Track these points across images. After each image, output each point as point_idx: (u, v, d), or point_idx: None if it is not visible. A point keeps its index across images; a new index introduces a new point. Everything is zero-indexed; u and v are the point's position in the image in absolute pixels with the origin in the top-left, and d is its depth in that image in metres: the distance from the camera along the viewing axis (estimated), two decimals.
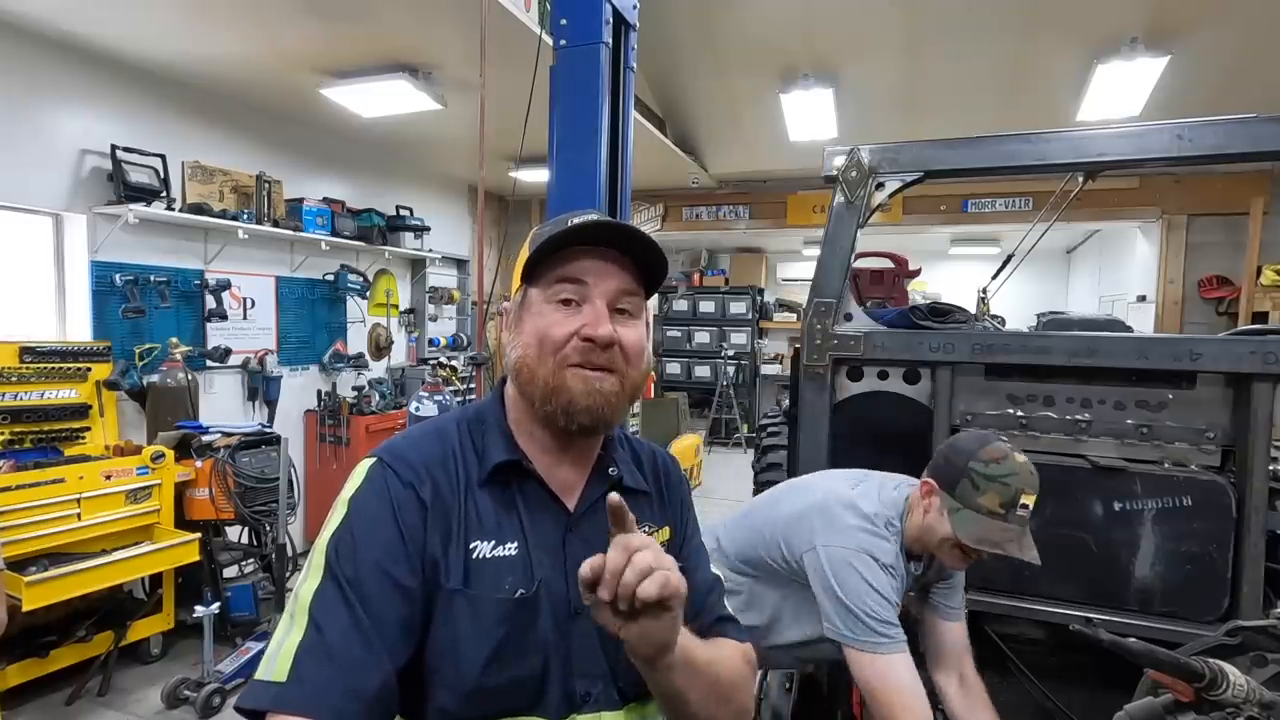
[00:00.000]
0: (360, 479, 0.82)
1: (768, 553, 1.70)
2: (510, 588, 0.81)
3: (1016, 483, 1.44)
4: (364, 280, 5.58)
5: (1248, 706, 1.09)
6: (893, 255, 4.52)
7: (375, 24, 3.44)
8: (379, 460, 0.83)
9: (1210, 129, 2.02)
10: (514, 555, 0.82)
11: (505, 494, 0.85)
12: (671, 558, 0.69)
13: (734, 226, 7.43)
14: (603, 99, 2.02)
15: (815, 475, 1.91)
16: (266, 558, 3.85)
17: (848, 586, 1.50)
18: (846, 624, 1.49)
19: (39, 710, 3.07)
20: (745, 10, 4.81)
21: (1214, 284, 5.99)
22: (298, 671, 0.70)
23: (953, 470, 1.51)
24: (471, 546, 0.81)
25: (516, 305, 0.89)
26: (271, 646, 0.73)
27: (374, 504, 0.80)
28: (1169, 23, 4.30)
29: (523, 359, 0.85)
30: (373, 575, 0.75)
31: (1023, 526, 1.45)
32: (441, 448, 0.86)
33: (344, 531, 0.78)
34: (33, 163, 3.57)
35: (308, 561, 0.79)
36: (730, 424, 9.53)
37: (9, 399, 3.32)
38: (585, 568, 0.66)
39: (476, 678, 0.77)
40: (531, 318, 0.85)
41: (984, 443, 1.52)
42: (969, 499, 1.47)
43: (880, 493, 1.64)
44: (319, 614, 0.73)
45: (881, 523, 1.57)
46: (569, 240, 0.84)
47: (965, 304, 2.79)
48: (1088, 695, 1.92)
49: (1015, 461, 1.47)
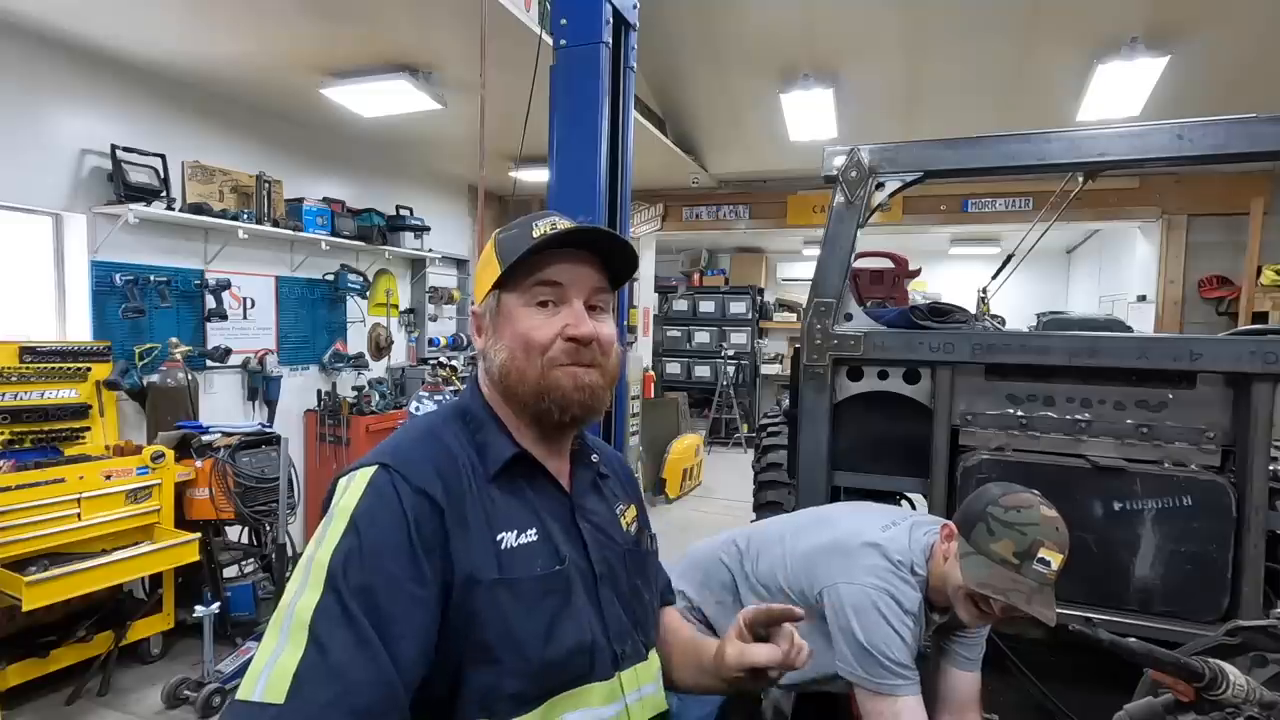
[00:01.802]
0: (362, 487, 0.79)
1: (788, 583, 1.65)
2: (543, 566, 0.85)
3: (1035, 534, 1.36)
4: (364, 280, 5.58)
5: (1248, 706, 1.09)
6: (893, 255, 4.52)
7: (375, 24, 3.44)
8: (383, 467, 0.80)
9: (1210, 129, 2.02)
10: (535, 541, 0.86)
11: (513, 485, 0.88)
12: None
13: (734, 226, 7.44)
14: (603, 99, 2.02)
15: (846, 509, 1.86)
16: (266, 558, 3.85)
17: (867, 626, 1.45)
18: (862, 664, 1.45)
19: (39, 710, 3.07)
20: (745, 10, 4.81)
21: (1214, 284, 5.99)
22: (300, 692, 0.66)
23: (972, 514, 1.46)
24: (499, 538, 0.83)
25: (491, 311, 0.92)
26: (259, 664, 0.69)
27: (382, 513, 0.77)
28: (1169, 23, 4.30)
29: (509, 362, 0.88)
30: (387, 588, 0.72)
31: (1040, 584, 1.35)
32: (442, 447, 0.86)
33: (351, 543, 0.74)
34: (33, 163, 3.57)
35: (302, 575, 0.74)
36: (730, 424, 9.53)
37: (9, 399, 3.32)
38: (775, 656, 0.86)
39: (541, 654, 0.80)
40: (511, 322, 0.89)
41: (1009, 490, 1.45)
42: (982, 544, 1.41)
43: (910, 536, 1.57)
44: (321, 631, 0.69)
45: (906, 568, 1.51)
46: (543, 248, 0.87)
47: (965, 304, 2.80)
48: (1088, 695, 1.91)
49: (1039, 513, 1.38)
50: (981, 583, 1.38)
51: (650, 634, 0.98)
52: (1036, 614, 1.34)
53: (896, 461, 2.34)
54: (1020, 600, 1.34)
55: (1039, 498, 1.43)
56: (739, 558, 1.79)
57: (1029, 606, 1.34)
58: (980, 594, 1.40)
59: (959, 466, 2.15)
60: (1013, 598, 1.35)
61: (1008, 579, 1.36)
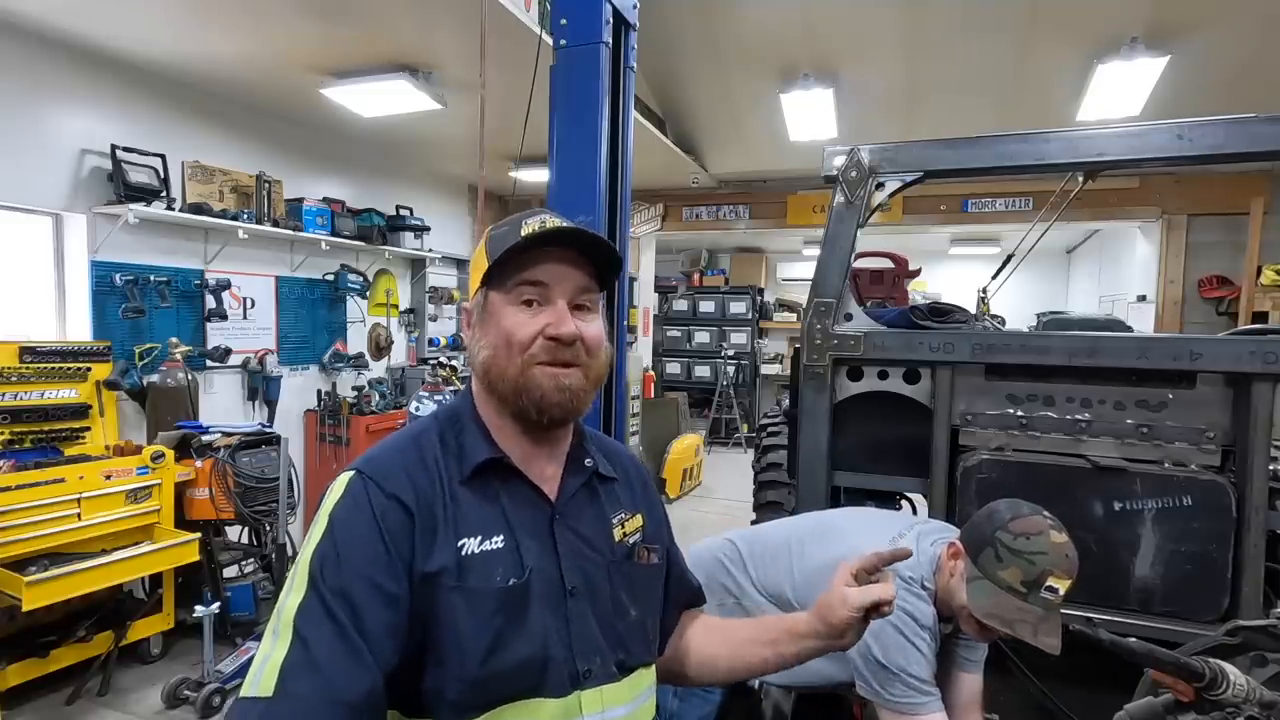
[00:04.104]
0: (339, 492, 0.83)
1: (796, 598, 1.63)
2: (502, 578, 0.84)
3: (1044, 563, 1.33)
4: (364, 280, 5.58)
5: (1248, 706, 1.09)
6: (893, 255, 4.52)
7: (375, 24, 3.44)
8: (358, 473, 0.84)
9: (1210, 129, 2.02)
10: (501, 548, 0.85)
11: (488, 490, 0.88)
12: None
13: (734, 226, 7.44)
14: (603, 99, 2.02)
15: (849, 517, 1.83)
16: (266, 558, 3.85)
17: (886, 646, 1.43)
18: (883, 684, 1.43)
19: (39, 710, 3.07)
20: (745, 10, 4.81)
21: (1214, 284, 5.99)
22: (285, 685, 0.71)
23: (980, 536, 1.42)
24: (460, 544, 0.83)
25: (479, 308, 0.92)
26: (256, 662, 0.74)
27: (356, 516, 0.81)
28: (1169, 23, 4.30)
29: (491, 359, 0.89)
30: (359, 586, 0.77)
31: (1046, 610, 1.33)
32: (419, 452, 0.88)
33: (327, 545, 0.79)
34: (33, 163, 3.57)
35: (291, 576, 0.80)
36: (730, 424, 9.53)
37: (9, 399, 3.32)
38: (890, 591, 0.92)
39: (480, 665, 0.80)
40: (495, 320, 0.90)
41: (1019, 513, 1.41)
42: (990, 569, 1.37)
43: (919, 548, 1.55)
44: (304, 628, 0.74)
45: (918, 584, 1.50)
46: (528, 246, 0.88)
47: (965, 304, 2.80)
48: (1088, 695, 1.91)
49: (1049, 540, 1.35)
50: (988, 613, 1.36)
51: (634, 652, 0.93)
52: (1041, 645, 1.32)
53: (896, 461, 2.34)
54: (1026, 632, 1.32)
55: (1049, 520, 1.39)
56: (740, 562, 1.78)
57: (1034, 639, 1.32)
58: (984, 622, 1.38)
59: (959, 466, 2.15)
60: (1019, 630, 1.33)
61: (1014, 608, 1.34)
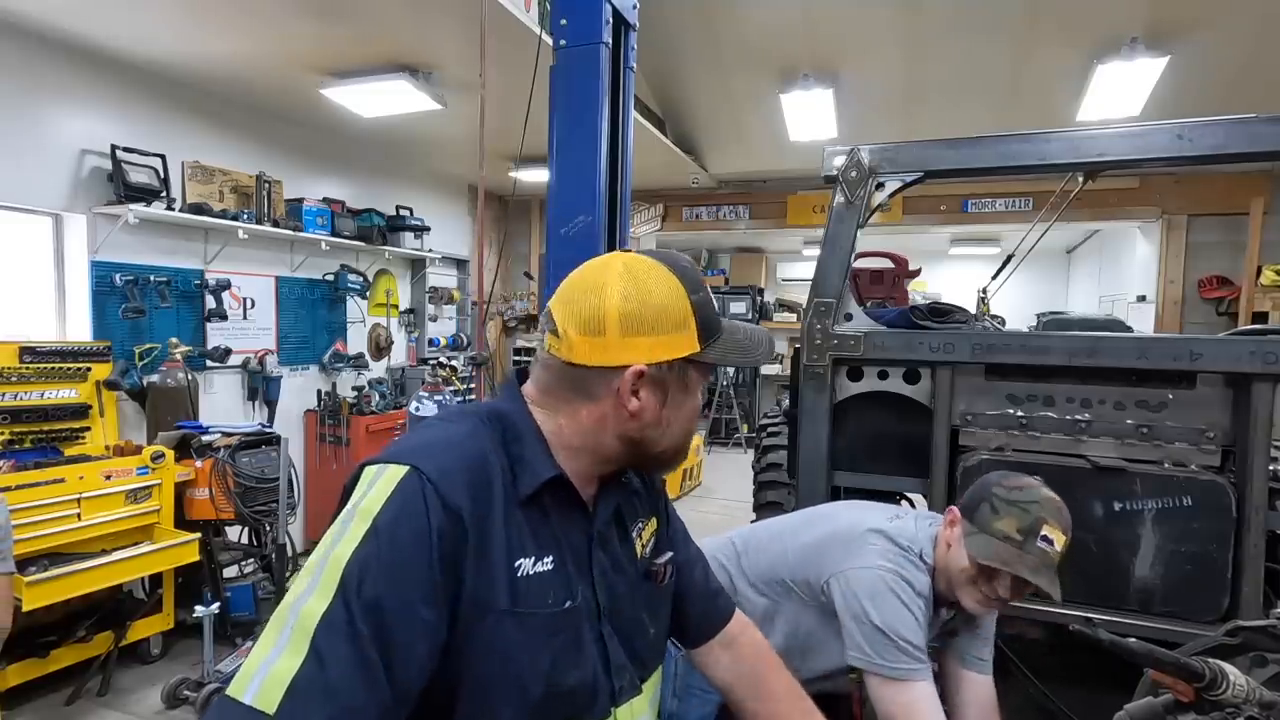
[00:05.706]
0: (388, 489, 0.74)
1: (792, 577, 1.63)
2: (555, 600, 0.82)
3: (1037, 510, 1.39)
4: (364, 280, 5.58)
5: (1248, 706, 1.09)
6: (893, 255, 4.53)
7: (375, 24, 3.44)
8: (416, 471, 0.75)
9: (1210, 129, 2.02)
10: (551, 570, 0.82)
11: (540, 507, 0.84)
12: None
13: (734, 226, 7.43)
14: (603, 99, 2.02)
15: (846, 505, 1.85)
16: (266, 558, 3.85)
17: (882, 607, 1.43)
18: (875, 647, 1.42)
19: (39, 710, 3.07)
20: (745, 10, 4.81)
21: (1214, 284, 5.99)
22: (291, 706, 0.63)
23: (975, 497, 1.49)
24: (516, 565, 0.79)
25: (678, 378, 0.87)
26: (255, 661, 0.67)
27: (408, 527, 0.72)
28: (1169, 23, 4.30)
29: (674, 438, 0.90)
30: (396, 609, 0.69)
31: (1043, 562, 1.37)
32: (481, 457, 0.80)
33: (369, 553, 0.70)
34: (33, 163, 3.57)
35: (313, 573, 0.70)
36: (730, 424, 9.53)
37: (9, 399, 3.32)
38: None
39: (542, 690, 0.79)
40: (689, 398, 0.90)
41: (1010, 475, 1.50)
42: (986, 522, 1.43)
43: (917, 526, 1.58)
44: (323, 643, 0.66)
45: (915, 554, 1.52)
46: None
47: (965, 304, 2.80)
48: (1088, 695, 1.92)
49: (1041, 493, 1.43)
50: (987, 557, 1.40)
51: (650, 665, 0.96)
52: (1042, 585, 1.36)
53: (896, 461, 2.34)
54: (1026, 571, 1.37)
55: (1039, 481, 1.47)
56: (736, 558, 1.78)
57: (1035, 577, 1.37)
58: (986, 570, 1.42)
59: (959, 466, 2.15)
60: (1018, 569, 1.37)
61: (1013, 554, 1.38)
